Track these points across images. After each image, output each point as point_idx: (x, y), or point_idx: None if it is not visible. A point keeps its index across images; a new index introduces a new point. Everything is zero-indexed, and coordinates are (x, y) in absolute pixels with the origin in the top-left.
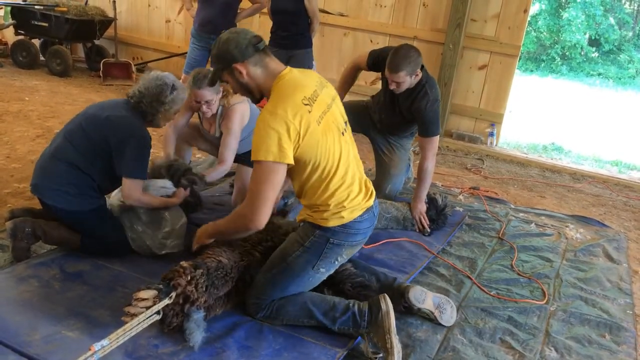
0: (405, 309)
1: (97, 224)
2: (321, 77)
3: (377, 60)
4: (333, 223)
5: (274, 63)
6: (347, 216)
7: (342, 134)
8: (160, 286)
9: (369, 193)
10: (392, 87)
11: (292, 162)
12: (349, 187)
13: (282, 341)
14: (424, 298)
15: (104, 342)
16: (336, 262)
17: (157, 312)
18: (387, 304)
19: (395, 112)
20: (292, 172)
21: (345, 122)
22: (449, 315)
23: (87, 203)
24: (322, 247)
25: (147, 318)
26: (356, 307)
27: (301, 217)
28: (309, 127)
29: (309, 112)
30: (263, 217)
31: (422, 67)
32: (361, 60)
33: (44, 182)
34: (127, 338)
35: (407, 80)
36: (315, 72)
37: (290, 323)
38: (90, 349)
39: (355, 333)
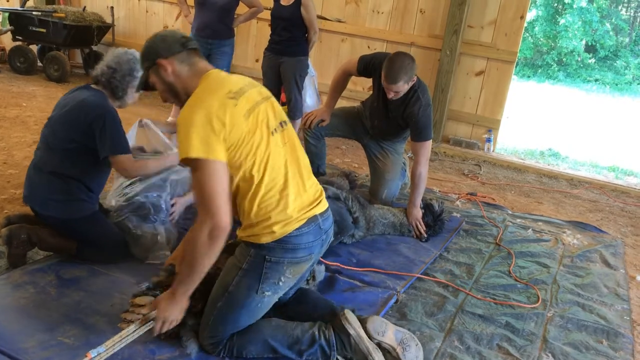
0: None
1: (91, 230)
2: (254, 81)
3: (368, 67)
4: (266, 239)
5: (203, 63)
6: (280, 230)
7: (272, 133)
8: (157, 292)
9: (315, 203)
10: (391, 95)
11: (223, 158)
12: (280, 195)
13: None
14: (384, 330)
15: (100, 348)
16: (280, 283)
17: (154, 319)
18: (353, 327)
19: (388, 117)
20: None
21: (282, 123)
22: (413, 355)
23: (77, 209)
24: (261, 267)
25: (144, 325)
26: (322, 338)
27: (238, 237)
28: (234, 120)
29: (235, 105)
30: (222, 213)
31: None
32: (351, 66)
33: (32, 193)
34: (124, 345)
35: (405, 88)
36: (248, 78)
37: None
38: (86, 356)
39: None
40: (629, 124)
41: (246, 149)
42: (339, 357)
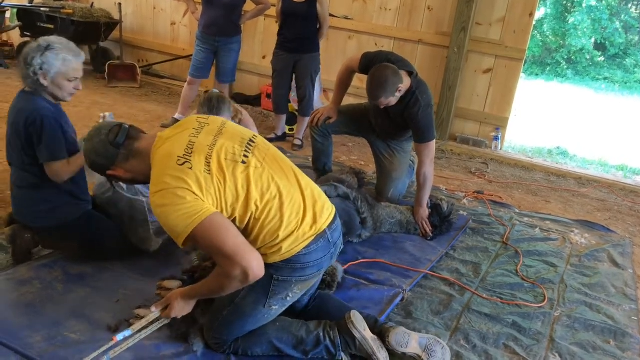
0: (389, 352)
1: (86, 231)
2: (199, 118)
3: (370, 65)
4: (273, 259)
5: (143, 142)
6: (287, 248)
7: (243, 162)
8: (185, 277)
9: (321, 217)
10: (381, 106)
11: (212, 209)
12: (280, 212)
13: None
14: (407, 341)
15: (127, 332)
16: (288, 298)
17: (166, 318)
18: (358, 330)
19: (388, 118)
20: None
21: (249, 143)
22: (439, 358)
23: (66, 214)
24: (268, 285)
25: (157, 322)
26: (328, 339)
27: None
28: (199, 182)
29: (190, 167)
30: (247, 259)
31: (412, 74)
32: (354, 62)
33: (18, 209)
34: (149, 332)
35: (391, 100)
36: (192, 117)
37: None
38: (112, 339)
39: (331, 359)
40: (638, 122)
41: (228, 197)
42: (343, 354)
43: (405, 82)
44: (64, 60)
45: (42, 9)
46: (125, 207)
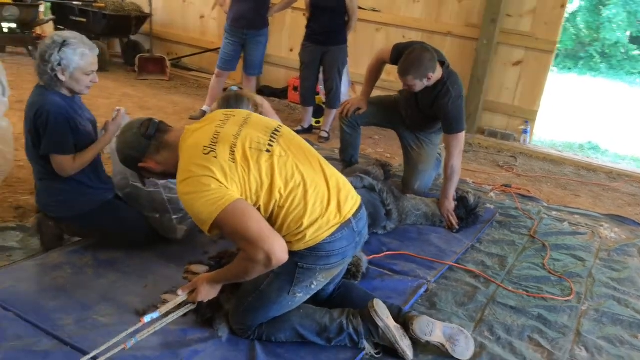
0: (412, 340)
1: (107, 219)
2: (226, 112)
3: (401, 55)
4: (298, 246)
5: (172, 135)
6: (312, 236)
7: (268, 150)
8: (212, 262)
9: (345, 205)
10: (406, 87)
11: (236, 195)
12: (305, 201)
13: None
14: (431, 330)
15: (154, 314)
16: (313, 286)
17: (192, 302)
18: (381, 318)
19: (418, 108)
20: None
21: (274, 133)
22: (463, 348)
23: (82, 204)
24: (293, 273)
25: (184, 307)
26: (351, 327)
27: None
28: (224, 170)
29: (215, 156)
30: (271, 243)
31: (444, 64)
32: (385, 53)
33: (40, 201)
34: (175, 317)
35: (417, 83)
36: (218, 111)
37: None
38: (140, 321)
39: (355, 347)
40: None
41: (252, 185)
42: (366, 342)
43: (437, 74)
44: (82, 54)
45: (74, 2)
46: (145, 200)
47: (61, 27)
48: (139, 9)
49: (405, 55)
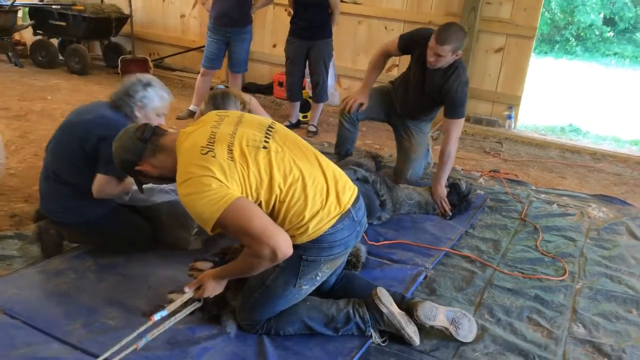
0: (417, 326)
1: (111, 227)
2: (219, 111)
3: (410, 42)
4: (301, 239)
5: (168, 138)
6: (314, 228)
7: (265, 147)
8: (216, 259)
9: (344, 196)
10: (431, 59)
11: (237, 194)
12: (304, 194)
13: None
14: (435, 314)
15: (163, 312)
16: (318, 278)
17: (198, 300)
18: (386, 305)
19: (423, 91)
20: None
21: (268, 129)
22: (466, 330)
23: (92, 211)
24: (298, 266)
25: (190, 304)
26: (357, 316)
27: None
28: (223, 169)
29: (213, 156)
30: (279, 239)
31: None
32: (391, 45)
33: (46, 205)
34: (183, 315)
35: (448, 56)
36: (212, 113)
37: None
38: (150, 319)
39: (361, 335)
40: None
41: (252, 182)
42: (372, 330)
43: (460, 54)
44: (161, 97)
45: (53, 6)
46: (165, 212)
47: (40, 32)
48: (118, 10)
49: (444, 25)
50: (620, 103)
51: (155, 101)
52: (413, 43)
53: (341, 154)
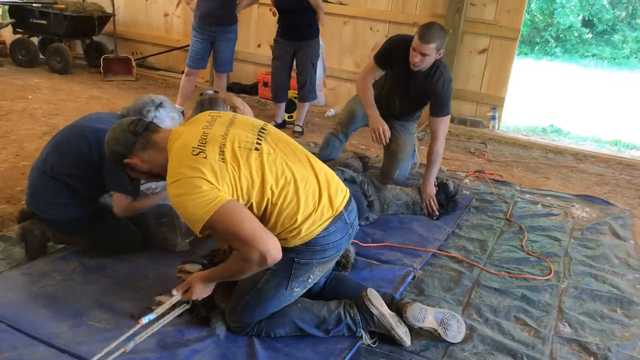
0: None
1: (97, 227)
2: (212, 113)
3: (386, 54)
4: (294, 242)
5: (160, 135)
6: (306, 231)
7: (257, 149)
8: (205, 261)
9: (336, 198)
10: (416, 59)
11: (227, 197)
12: (297, 196)
13: None
14: (423, 316)
15: (151, 315)
16: (309, 280)
17: (187, 302)
18: (376, 307)
19: (407, 93)
20: None
21: (260, 131)
22: (455, 331)
23: (80, 210)
24: (290, 268)
25: (178, 307)
26: (348, 317)
27: None
28: (214, 170)
29: (205, 157)
30: (269, 244)
31: None
32: (370, 68)
33: (35, 199)
34: (172, 317)
35: (433, 54)
36: (205, 113)
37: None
38: (138, 322)
39: (352, 336)
40: (629, 98)
41: (243, 184)
42: (363, 331)
43: (442, 53)
44: (172, 118)
45: (34, 4)
46: (153, 214)
47: (20, 30)
48: (100, 9)
49: (426, 25)
50: (599, 104)
51: (166, 122)
52: (390, 53)
53: (324, 160)
